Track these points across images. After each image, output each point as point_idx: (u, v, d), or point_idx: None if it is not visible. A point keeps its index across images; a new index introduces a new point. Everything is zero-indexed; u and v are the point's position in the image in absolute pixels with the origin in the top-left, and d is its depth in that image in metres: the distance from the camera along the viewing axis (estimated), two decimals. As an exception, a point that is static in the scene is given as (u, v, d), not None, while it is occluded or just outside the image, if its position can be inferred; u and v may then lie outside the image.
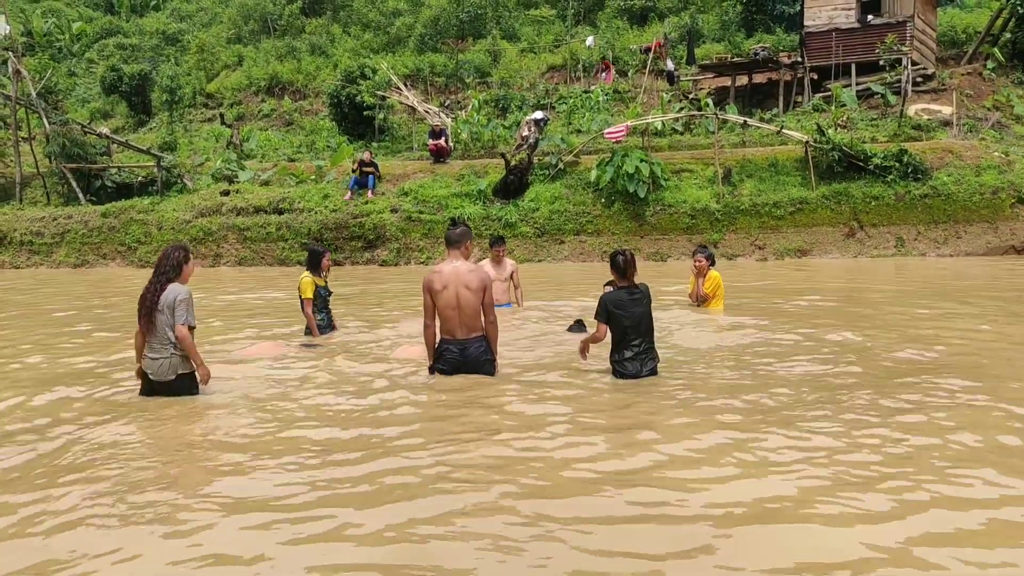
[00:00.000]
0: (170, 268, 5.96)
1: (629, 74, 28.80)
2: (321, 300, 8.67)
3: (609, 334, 6.42)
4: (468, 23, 33.36)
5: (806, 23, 24.69)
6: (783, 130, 19.99)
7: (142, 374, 6.07)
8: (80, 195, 22.92)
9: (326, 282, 8.79)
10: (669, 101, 24.92)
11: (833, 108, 21.93)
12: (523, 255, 18.41)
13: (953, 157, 18.73)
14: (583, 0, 35.03)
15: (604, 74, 29.10)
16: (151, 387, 6.03)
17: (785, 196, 18.57)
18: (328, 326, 8.81)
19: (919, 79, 23.43)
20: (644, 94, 26.80)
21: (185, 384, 6.00)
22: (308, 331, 8.63)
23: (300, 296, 8.53)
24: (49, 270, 20.62)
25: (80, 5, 45.69)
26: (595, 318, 6.48)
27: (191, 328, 5.93)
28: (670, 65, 27.10)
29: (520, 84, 29.31)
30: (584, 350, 6.65)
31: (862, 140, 19.43)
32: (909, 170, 18.06)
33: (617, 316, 6.28)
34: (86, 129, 24.46)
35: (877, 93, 22.74)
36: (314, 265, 8.65)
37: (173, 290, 5.89)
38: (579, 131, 23.29)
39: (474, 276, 6.30)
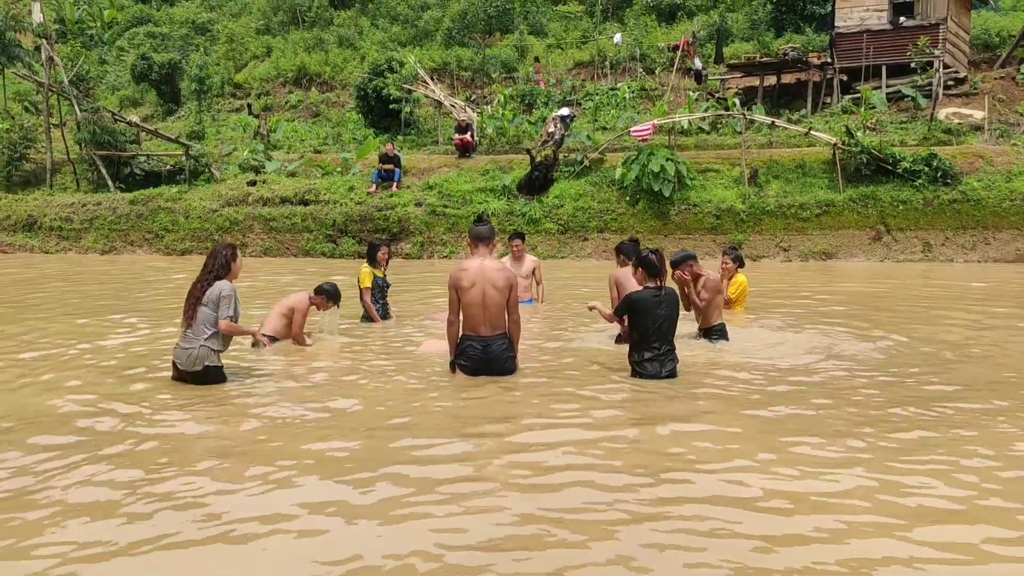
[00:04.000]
0: (219, 266, 6.27)
1: (656, 72, 28.70)
2: (379, 290, 9.26)
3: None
4: (496, 18, 33.37)
5: (837, 24, 24.48)
6: (811, 131, 19.83)
7: (172, 363, 6.27)
8: (109, 182, 23.21)
9: (384, 274, 9.32)
10: (696, 100, 24.80)
11: (862, 110, 21.70)
12: (546, 252, 18.43)
13: (984, 162, 18.50)
14: (611, -4, 34.96)
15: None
16: (179, 375, 6.24)
17: (811, 198, 18.43)
18: (383, 315, 9.32)
19: (951, 82, 23.15)
20: (671, 92, 26.70)
21: (212, 375, 6.19)
22: (365, 318, 9.17)
23: (359, 286, 9.13)
24: (77, 255, 20.89)
25: (112, -7, 46.10)
26: (614, 314, 6.53)
27: (233, 319, 6.22)
28: (698, 64, 26.95)
29: (547, 80, 29.30)
30: (608, 319, 6.95)
31: (891, 143, 19.24)
32: (938, 174, 17.86)
33: (641, 317, 6.28)
34: (116, 117, 24.74)
35: (907, 96, 22.48)
36: (372, 257, 9.20)
37: (219, 286, 6.19)
38: (605, 128, 23.27)
39: (501, 275, 6.33)
